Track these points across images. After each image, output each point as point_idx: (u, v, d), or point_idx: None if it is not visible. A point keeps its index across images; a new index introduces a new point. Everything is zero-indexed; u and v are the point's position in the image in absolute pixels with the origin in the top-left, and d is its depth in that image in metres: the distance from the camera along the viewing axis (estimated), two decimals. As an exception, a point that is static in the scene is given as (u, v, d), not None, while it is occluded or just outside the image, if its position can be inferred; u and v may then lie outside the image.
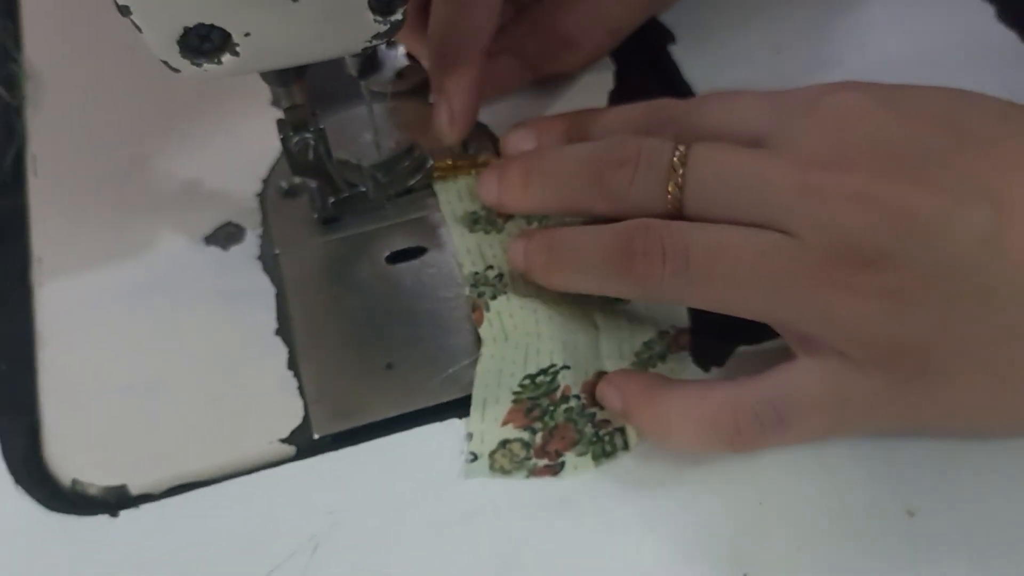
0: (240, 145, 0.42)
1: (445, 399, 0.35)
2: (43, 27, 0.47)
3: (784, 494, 0.32)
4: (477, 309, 0.36)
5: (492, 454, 0.33)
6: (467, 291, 0.37)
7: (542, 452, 0.33)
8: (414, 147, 0.40)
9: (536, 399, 0.34)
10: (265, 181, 0.41)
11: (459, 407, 0.35)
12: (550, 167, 0.36)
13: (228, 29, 0.29)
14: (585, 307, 0.36)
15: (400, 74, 0.42)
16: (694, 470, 0.33)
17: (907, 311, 0.30)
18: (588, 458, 0.33)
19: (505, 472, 0.33)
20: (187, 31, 0.29)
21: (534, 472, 0.33)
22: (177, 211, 0.40)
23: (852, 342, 0.30)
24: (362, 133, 0.41)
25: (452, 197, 0.39)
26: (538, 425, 0.34)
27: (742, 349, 0.35)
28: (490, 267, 0.37)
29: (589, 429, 0.34)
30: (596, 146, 0.36)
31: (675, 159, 0.33)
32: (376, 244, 0.39)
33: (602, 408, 0.34)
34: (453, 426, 0.34)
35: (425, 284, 0.38)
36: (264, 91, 0.43)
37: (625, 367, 0.35)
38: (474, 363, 0.35)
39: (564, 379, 0.34)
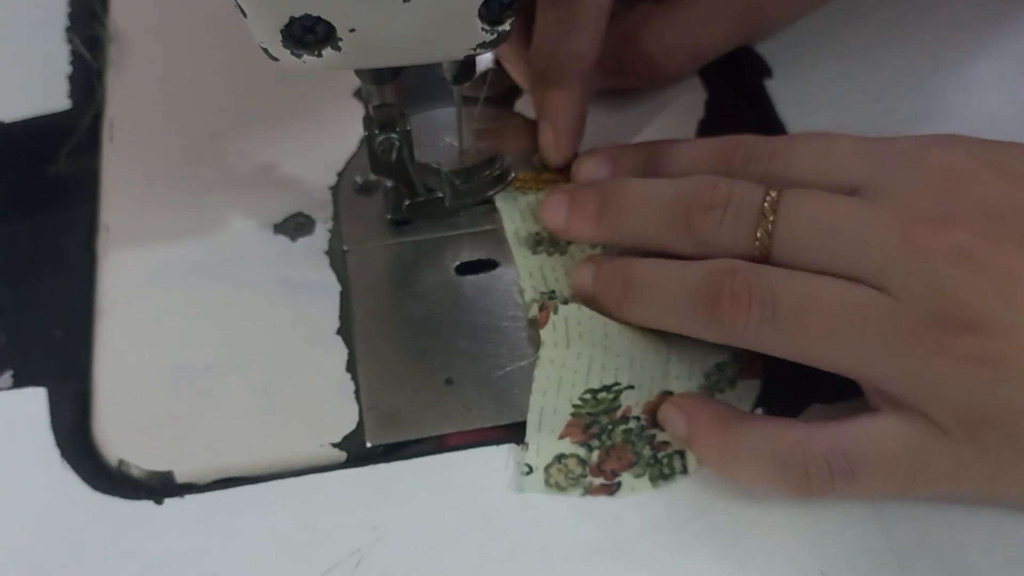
0: (318, 135, 0.41)
1: (503, 422, 0.34)
2: (132, -10, 0.46)
3: (846, 566, 0.31)
4: (544, 310, 0.35)
5: (548, 468, 0.33)
6: (530, 313, 0.36)
7: (598, 471, 0.33)
8: (497, 158, 0.39)
9: (596, 416, 0.33)
10: (340, 174, 0.40)
11: (517, 430, 0.34)
12: (631, 202, 0.35)
13: (334, 23, 0.29)
14: None
15: (490, 81, 0.41)
16: (754, 531, 0.32)
17: (1004, 379, 0.29)
18: (645, 479, 0.33)
19: (560, 488, 0.32)
20: (292, 21, 0.28)
21: (590, 490, 0.32)
22: (248, 195, 0.39)
23: (941, 407, 0.30)
24: (444, 136, 0.41)
25: (515, 216, 0.38)
26: (595, 443, 0.33)
27: (815, 407, 0.34)
28: (552, 292, 0.36)
29: (647, 451, 0.33)
30: (683, 185, 0.34)
31: (766, 204, 0.32)
32: (447, 252, 0.38)
33: (662, 430, 0.33)
34: (509, 451, 0.33)
35: (493, 300, 0.37)
36: (348, 82, 0.42)
37: (692, 389, 0.34)
38: (531, 364, 0.34)
39: (626, 399, 0.34)
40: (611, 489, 0.33)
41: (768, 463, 0.31)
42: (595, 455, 0.33)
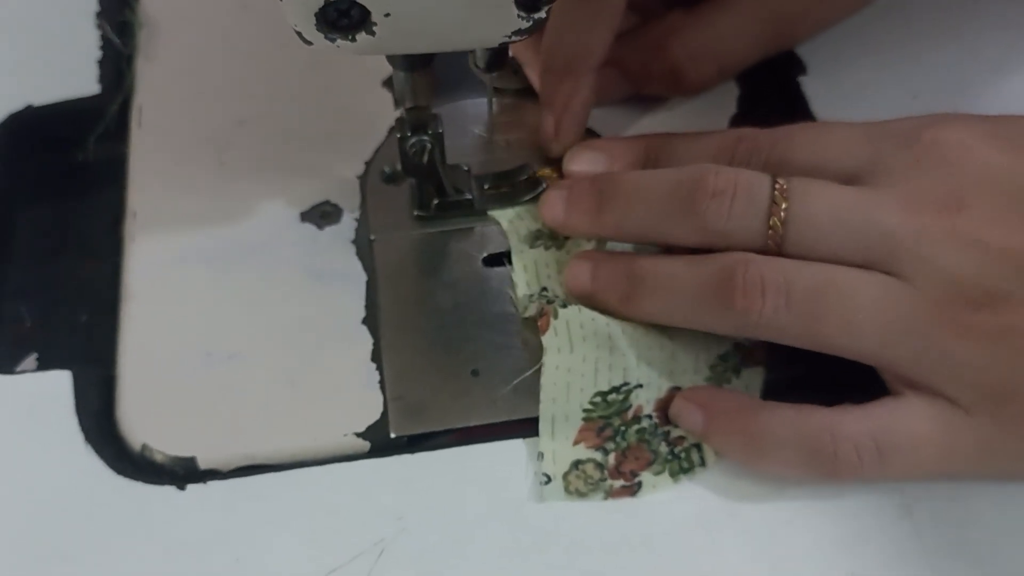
0: (347, 123, 0.41)
1: (529, 415, 0.33)
2: (162, -24, 0.46)
3: (877, 567, 0.30)
4: (544, 316, 0.34)
5: (566, 475, 0.32)
6: (524, 312, 0.35)
7: (616, 473, 0.32)
8: (526, 166, 0.39)
9: (608, 418, 0.33)
10: (368, 164, 0.40)
11: (542, 425, 0.33)
12: (631, 192, 0.35)
13: (369, 7, 0.28)
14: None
15: (518, 71, 0.41)
16: (783, 531, 0.31)
17: (1021, 354, 0.29)
18: (666, 476, 0.32)
19: (581, 495, 0.32)
20: (327, 4, 0.28)
21: (612, 493, 0.32)
22: (276, 183, 0.39)
23: (962, 387, 0.30)
24: (472, 126, 0.40)
25: (511, 216, 0.38)
26: (610, 445, 0.33)
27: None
28: (544, 289, 0.35)
29: (663, 448, 0.33)
30: (684, 172, 0.34)
31: (776, 192, 0.32)
32: (474, 243, 0.38)
33: (675, 426, 0.33)
34: (535, 445, 0.33)
35: (521, 292, 0.36)
36: (377, 72, 0.42)
37: (699, 382, 0.34)
38: (539, 372, 0.34)
39: (637, 398, 0.33)
40: (632, 490, 0.32)
41: (796, 449, 0.31)
42: (612, 458, 0.33)
